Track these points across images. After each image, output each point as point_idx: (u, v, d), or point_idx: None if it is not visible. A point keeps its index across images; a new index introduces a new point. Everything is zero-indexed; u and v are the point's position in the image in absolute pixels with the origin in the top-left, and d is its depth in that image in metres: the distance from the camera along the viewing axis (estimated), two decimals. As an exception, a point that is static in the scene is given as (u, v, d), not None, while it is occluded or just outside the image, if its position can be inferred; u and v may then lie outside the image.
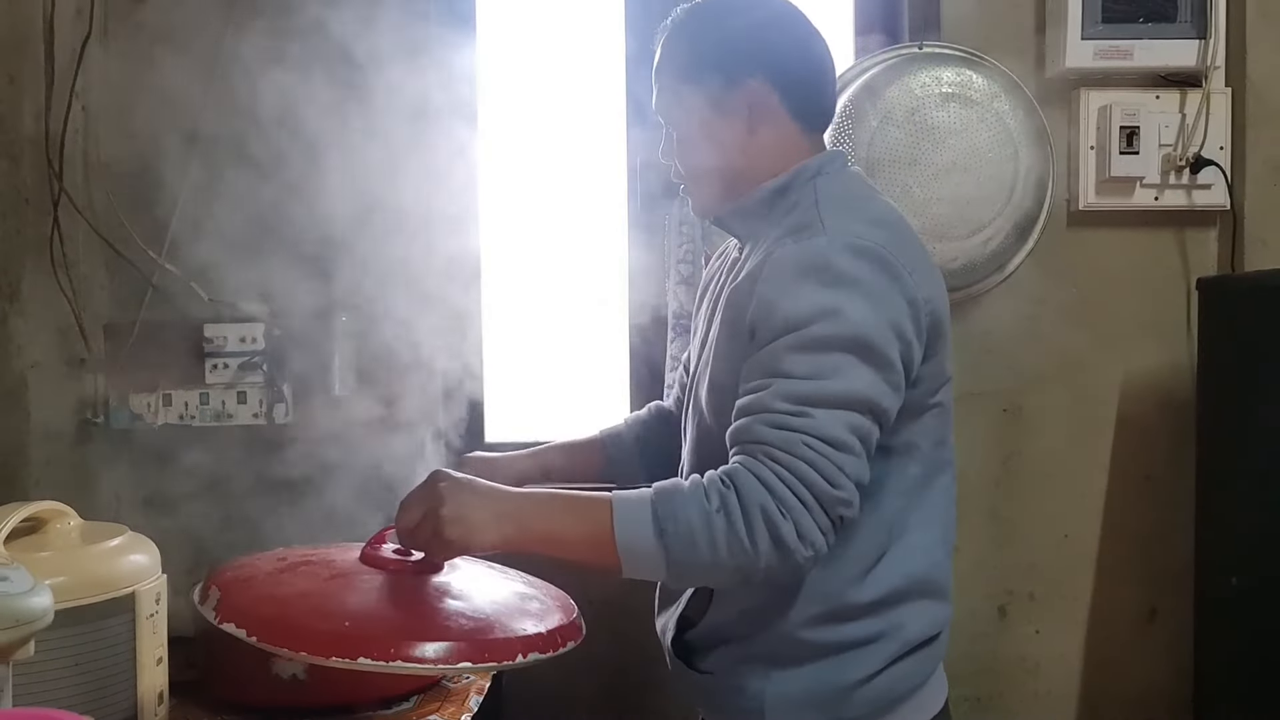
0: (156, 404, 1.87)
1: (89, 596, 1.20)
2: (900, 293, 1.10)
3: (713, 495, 1.04)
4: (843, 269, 1.08)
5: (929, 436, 1.18)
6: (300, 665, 1.42)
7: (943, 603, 1.23)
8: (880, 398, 1.07)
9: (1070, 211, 2.00)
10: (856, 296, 1.07)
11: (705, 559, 1.03)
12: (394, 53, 1.92)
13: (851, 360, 1.06)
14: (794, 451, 1.03)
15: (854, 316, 1.06)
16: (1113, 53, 1.92)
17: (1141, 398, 2.01)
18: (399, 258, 1.93)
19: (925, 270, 1.15)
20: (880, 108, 1.85)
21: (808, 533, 1.03)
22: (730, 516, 1.03)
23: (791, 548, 1.02)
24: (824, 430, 1.04)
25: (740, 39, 1.23)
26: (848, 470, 1.05)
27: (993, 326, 1.99)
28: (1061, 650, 2.01)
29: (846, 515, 1.06)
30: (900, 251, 1.12)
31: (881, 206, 1.22)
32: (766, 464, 1.04)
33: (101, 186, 1.90)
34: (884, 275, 1.09)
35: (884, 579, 1.17)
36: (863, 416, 1.06)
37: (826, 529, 1.04)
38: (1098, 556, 2.02)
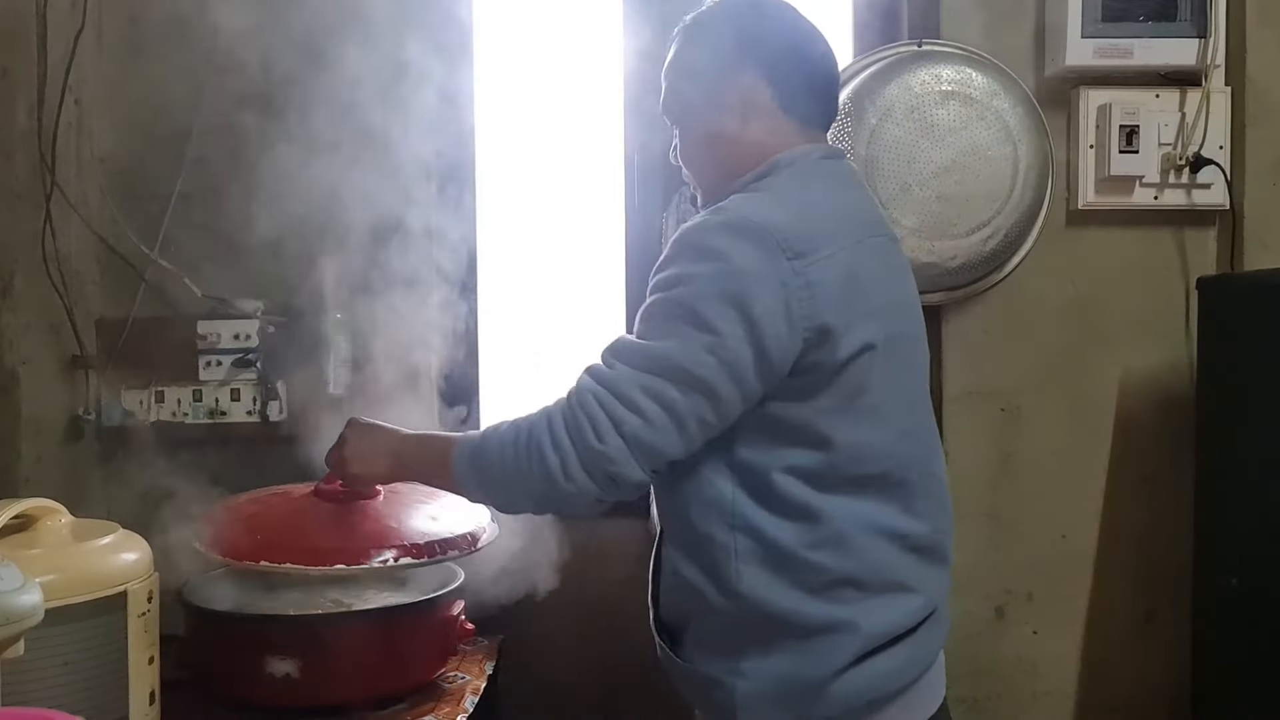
0: (149, 401, 1.85)
1: (80, 595, 1.19)
2: (771, 270, 1.09)
3: (509, 429, 1.17)
4: (709, 244, 1.11)
5: (845, 430, 1.14)
6: (292, 664, 1.42)
7: (906, 597, 1.19)
8: (695, 366, 1.08)
9: (1069, 210, 1.99)
10: (710, 268, 1.10)
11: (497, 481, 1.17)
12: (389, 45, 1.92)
13: (676, 325, 1.10)
14: (580, 400, 1.11)
15: (696, 286, 1.10)
16: (1112, 51, 1.91)
17: (1140, 397, 2.00)
18: (395, 255, 1.92)
19: (841, 263, 1.13)
20: (880, 105, 1.84)
21: (573, 473, 1.10)
22: (517, 444, 1.15)
23: (552, 476, 1.11)
24: (615, 385, 1.10)
25: (736, 38, 1.28)
26: (624, 429, 1.09)
27: (991, 325, 1.98)
28: (1059, 651, 2.00)
29: (612, 472, 1.10)
30: (796, 236, 1.11)
31: (817, 196, 1.21)
32: (560, 405, 1.14)
33: (94, 181, 1.89)
34: (755, 251, 1.10)
35: (823, 559, 1.15)
36: (666, 381, 1.09)
37: (595, 476, 1.10)
38: (1096, 557, 2.01)
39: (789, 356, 1.10)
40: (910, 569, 1.19)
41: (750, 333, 1.08)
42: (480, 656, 1.70)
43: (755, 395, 1.12)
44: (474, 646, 1.73)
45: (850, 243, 1.16)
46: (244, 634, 1.42)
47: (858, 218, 1.24)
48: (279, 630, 1.42)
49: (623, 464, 1.10)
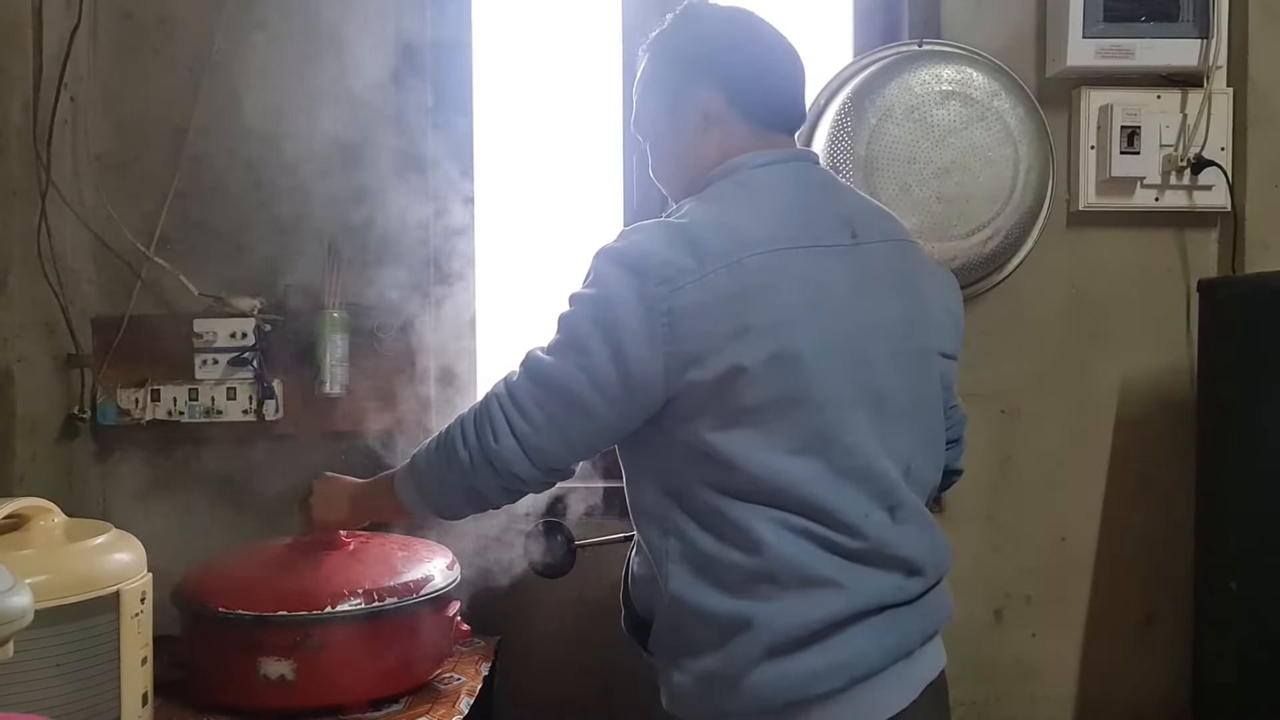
0: (145, 400, 1.84)
1: (71, 595, 1.18)
2: (638, 297, 1.14)
3: (442, 432, 1.26)
4: (597, 268, 1.18)
5: (733, 445, 1.15)
6: (288, 666, 1.41)
7: (823, 592, 1.15)
8: (571, 383, 1.16)
9: (1070, 211, 1.98)
10: (592, 292, 1.17)
11: (433, 479, 1.26)
12: (385, 45, 1.91)
13: (563, 344, 1.18)
14: (487, 403, 1.22)
15: (580, 308, 1.18)
16: (1114, 52, 1.90)
17: (1141, 400, 2.00)
18: (393, 254, 1.91)
19: (718, 284, 1.14)
20: (880, 105, 1.83)
21: (478, 466, 1.20)
22: (440, 448, 1.25)
23: (464, 469, 1.21)
24: (515, 393, 1.19)
25: (692, 49, 1.31)
26: (516, 431, 1.18)
27: (991, 327, 1.97)
28: (1059, 654, 2.00)
29: (508, 470, 1.19)
30: (666, 263, 1.14)
31: (727, 211, 1.21)
32: (474, 406, 1.23)
33: (90, 179, 1.87)
34: (627, 278, 1.15)
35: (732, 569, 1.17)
36: (551, 396, 1.18)
37: (497, 470, 1.20)
38: (1095, 560, 2.00)
39: (654, 378, 1.15)
40: (835, 567, 1.16)
41: (615, 355, 1.15)
42: (476, 658, 1.69)
43: (634, 412, 1.18)
44: (470, 648, 1.72)
45: (739, 256, 1.15)
46: (239, 635, 1.41)
47: (782, 229, 1.19)
48: (274, 632, 1.41)
49: (515, 462, 1.19)
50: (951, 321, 1.36)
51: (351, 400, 1.87)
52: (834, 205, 1.27)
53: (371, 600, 1.45)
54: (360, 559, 1.52)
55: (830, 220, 1.24)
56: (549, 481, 1.24)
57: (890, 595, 1.19)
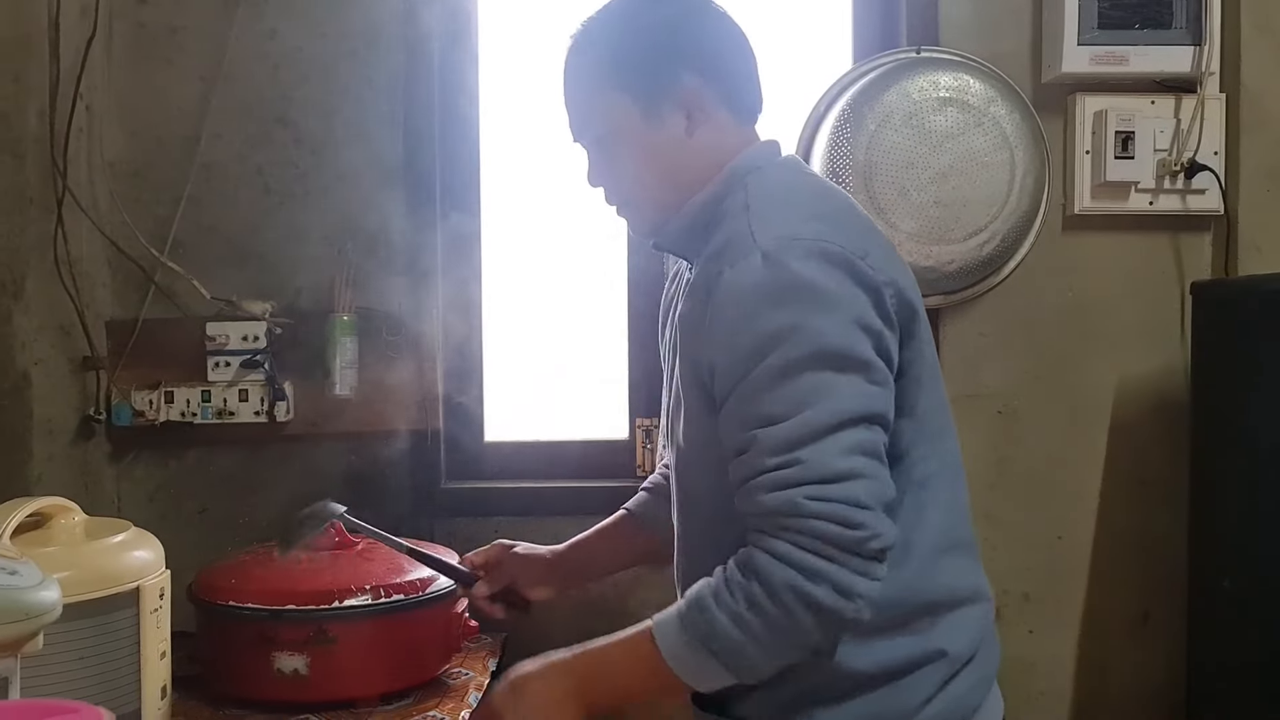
0: (158, 401, 1.88)
1: (94, 591, 1.22)
2: (857, 283, 1.02)
3: (736, 594, 0.99)
4: (786, 281, 1.00)
5: (924, 430, 1.09)
6: (302, 661, 1.45)
7: (974, 605, 1.14)
8: (870, 402, 1.00)
9: (1066, 215, 2.01)
10: (809, 304, 0.99)
11: (760, 655, 1.01)
12: (393, 52, 1.94)
13: (827, 376, 0.98)
14: (799, 511, 0.97)
15: (814, 327, 0.99)
16: (1108, 58, 1.93)
17: (1136, 401, 2.02)
18: (402, 259, 1.95)
19: (881, 253, 1.08)
20: (878, 111, 1.86)
21: (849, 587, 0.97)
22: (761, 609, 0.98)
23: (836, 609, 0.97)
24: (821, 471, 0.97)
25: (663, 35, 1.14)
26: (863, 500, 0.97)
27: (988, 329, 2.00)
28: (1055, 651, 2.02)
29: (878, 546, 0.98)
30: (848, 240, 1.04)
31: (817, 194, 1.15)
32: (778, 536, 0.98)
33: (105, 185, 1.91)
34: (835, 270, 1.01)
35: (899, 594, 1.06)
36: (858, 429, 0.99)
37: (868, 571, 0.98)
38: (1092, 558, 2.02)
39: (897, 353, 1.06)
40: (966, 572, 1.14)
41: (880, 347, 1.02)
42: (484, 653, 1.73)
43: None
44: (477, 644, 1.75)
45: (879, 240, 1.12)
46: (254, 630, 1.45)
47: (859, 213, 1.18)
48: (288, 627, 1.44)
49: (885, 531, 0.98)
50: None
51: (361, 402, 1.91)
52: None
53: (380, 596, 1.48)
54: (369, 558, 1.56)
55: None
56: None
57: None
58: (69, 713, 0.82)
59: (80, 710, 0.83)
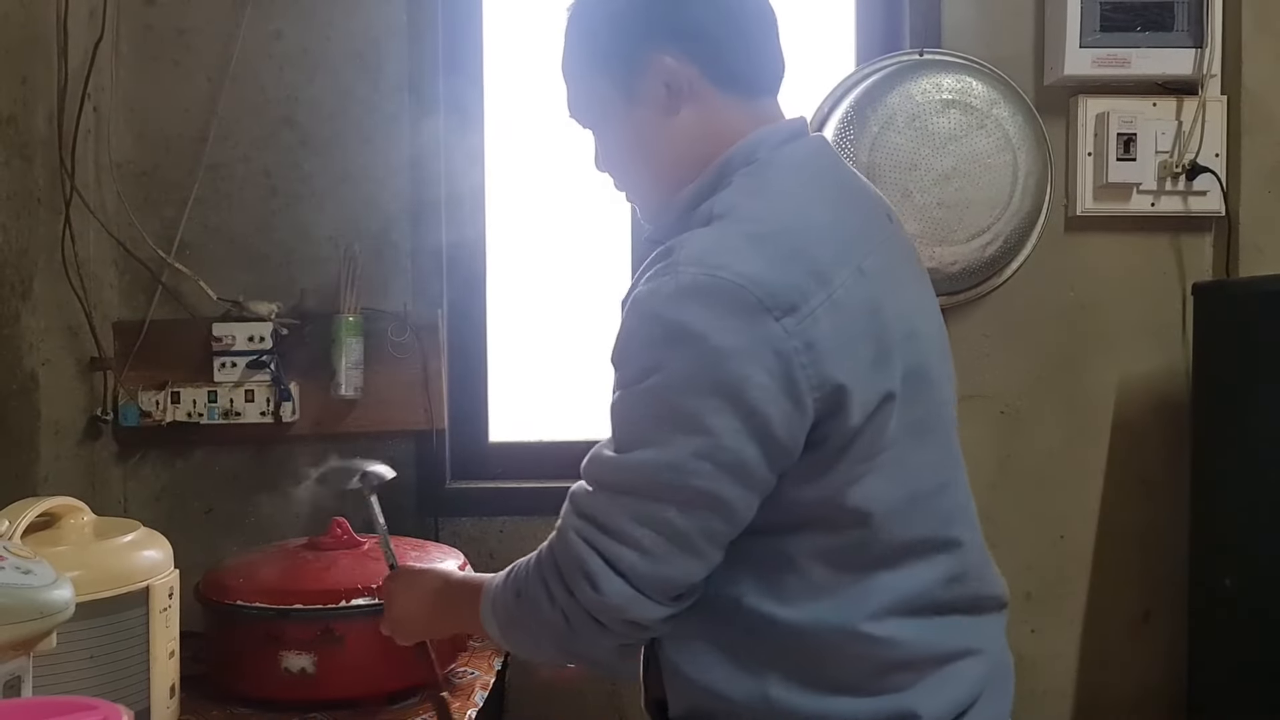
0: (165, 402, 1.89)
1: (105, 590, 1.23)
2: (759, 340, 0.88)
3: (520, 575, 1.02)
4: (676, 319, 0.89)
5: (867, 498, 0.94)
6: (309, 660, 1.46)
7: (958, 663, 0.99)
8: (690, 477, 0.89)
9: (1068, 216, 2.02)
10: (685, 352, 0.88)
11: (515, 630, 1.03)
12: (401, 55, 1.95)
13: (658, 429, 0.89)
14: (566, 543, 0.94)
15: (671, 376, 0.89)
16: (1110, 61, 1.94)
17: (1137, 401, 2.03)
18: (407, 260, 1.96)
19: (849, 299, 0.91)
20: (882, 113, 1.87)
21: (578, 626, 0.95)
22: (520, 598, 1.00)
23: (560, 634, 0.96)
24: (601, 518, 0.92)
25: (641, 6, 1.05)
26: (622, 566, 0.91)
27: (991, 329, 2.01)
28: (1057, 649, 2.03)
29: (625, 619, 0.92)
30: (781, 285, 0.89)
31: (796, 208, 0.97)
32: (551, 546, 0.98)
33: (112, 186, 1.92)
34: (734, 319, 0.88)
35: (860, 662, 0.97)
36: (658, 503, 0.90)
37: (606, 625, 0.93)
38: (1094, 557, 2.04)
39: (801, 435, 0.90)
40: (966, 632, 1.00)
41: (749, 424, 0.88)
42: (489, 653, 1.73)
43: (770, 487, 0.93)
44: (483, 643, 1.76)
45: (858, 260, 0.94)
46: (261, 629, 1.46)
47: (854, 218, 1.00)
48: (295, 626, 1.45)
49: (632, 607, 0.91)
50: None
51: (366, 403, 1.91)
52: (864, 186, 1.09)
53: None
54: (376, 556, 1.56)
55: (873, 204, 1.06)
56: (677, 612, 0.95)
57: (1000, 637, 1.06)
58: (88, 710, 0.83)
59: (99, 707, 0.83)
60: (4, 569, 0.99)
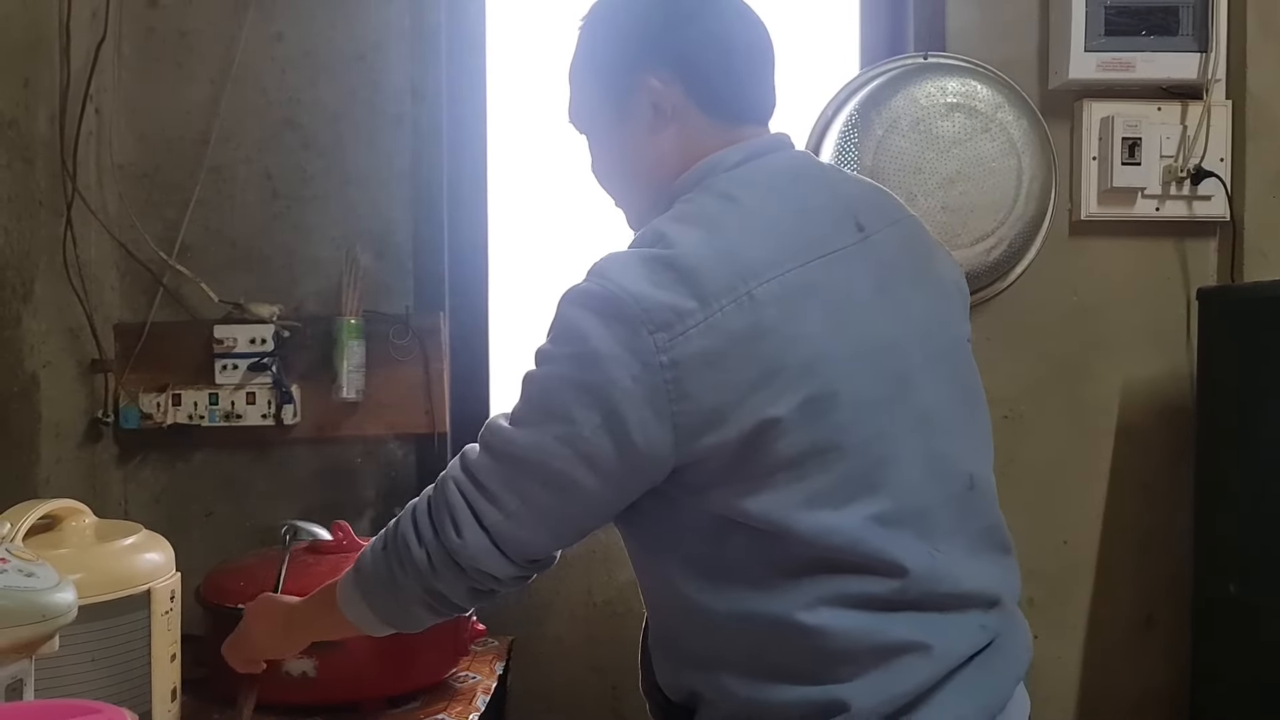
0: (166, 404, 1.88)
1: (107, 593, 1.22)
2: (631, 350, 0.94)
3: (390, 529, 1.08)
4: (570, 318, 0.97)
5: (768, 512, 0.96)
6: (310, 663, 1.45)
7: (901, 659, 0.98)
8: (551, 459, 0.97)
9: (1072, 221, 2.01)
10: (568, 350, 0.97)
11: (380, 591, 1.08)
12: (403, 59, 1.95)
13: (536, 412, 0.99)
14: (444, 489, 1.03)
15: (555, 368, 0.98)
16: (1115, 65, 1.94)
17: (1141, 406, 2.03)
18: (409, 262, 1.96)
19: (731, 322, 0.94)
20: (886, 117, 1.87)
21: (439, 567, 1.03)
22: (388, 548, 1.07)
23: (423, 573, 1.03)
24: (479, 475, 1.01)
25: (637, 29, 1.11)
26: (485, 521, 1.00)
27: (994, 333, 2.00)
28: (1060, 655, 2.03)
29: (478, 567, 1.01)
30: (659, 304, 0.94)
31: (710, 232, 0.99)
32: (427, 494, 1.06)
33: (114, 188, 1.92)
34: (612, 329, 0.95)
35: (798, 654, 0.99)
36: (525, 476, 0.99)
37: (464, 569, 1.02)
38: (1097, 563, 2.03)
39: (662, 445, 0.95)
40: (912, 625, 0.99)
41: (609, 422, 0.95)
42: (491, 657, 1.73)
43: (632, 486, 1.00)
44: (484, 647, 1.76)
45: (749, 287, 0.96)
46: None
47: (781, 241, 1.00)
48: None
49: (485, 558, 1.01)
50: (963, 300, 1.19)
51: (368, 406, 1.91)
52: (830, 198, 1.08)
53: None
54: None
55: (832, 217, 1.05)
56: (527, 575, 1.06)
57: (976, 639, 1.02)
58: (91, 713, 0.82)
59: (103, 710, 0.83)
60: (6, 571, 0.98)
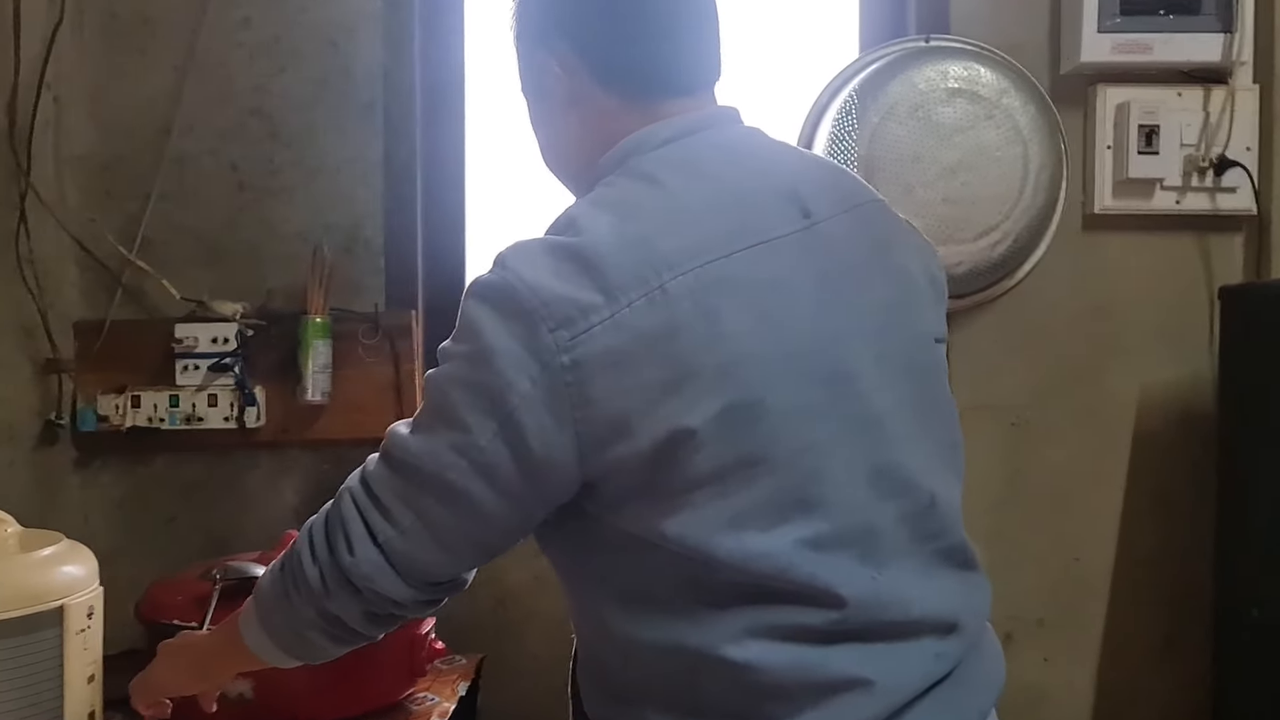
0: (124, 406, 1.80)
1: (10, 610, 1.13)
2: (528, 349, 0.84)
3: (289, 549, 0.99)
4: (467, 313, 0.89)
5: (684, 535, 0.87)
6: (247, 685, 1.36)
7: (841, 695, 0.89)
8: (445, 470, 0.88)
9: (1085, 214, 1.90)
10: (464, 347, 0.88)
11: (278, 616, 1.00)
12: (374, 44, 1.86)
13: (431, 418, 0.90)
14: (339, 504, 0.95)
15: (450, 369, 0.89)
16: (1131, 47, 1.83)
17: (1159, 412, 1.91)
18: (379, 258, 1.87)
19: (639, 319, 0.85)
20: (882, 103, 1.76)
21: (332, 587, 0.94)
22: (284, 569, 0.98)
23: (315, 594, 0.95)
24: (375, 488, 0.92)
25: (535, 5, 1.04)
26: (379, 539, 0.91)
27: (1000, 335, 1.89)
28: (1072, 679, 1.91)
29: (372, 588, 0.92)
30: (560, 297, 0.85)
31: (623, 218, 0.89)
32: (323, 511, 0.97)
33: (72, 180, 1.84)
34: (508, 324, 0.85)
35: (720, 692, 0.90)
36: (420, 489, 0.90)
37: (358, 590, 0.93)
38: (1111, 581, 1.91)
39: (564, 455, 0.87)
40: (853, 658, 0.89)
41: (504, 428, 0.86)
42: (455, 676, 1.63)
43: (537, 501, 0.91)
44: (449, 665, 1.66)
45: (662, 280, 0.86)
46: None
47: (708, 230, 0.89)
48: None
49: (379, 578, 0.92)
50: (936, 292, 1.07)
51: (334, 408, 1.82)
52: (771, 179, 0.97)
53: None
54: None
55: (771, 201, 0.94)
56: (431, 600, 0.97)
57: (930, 669, 0.93)
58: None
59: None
60: None
